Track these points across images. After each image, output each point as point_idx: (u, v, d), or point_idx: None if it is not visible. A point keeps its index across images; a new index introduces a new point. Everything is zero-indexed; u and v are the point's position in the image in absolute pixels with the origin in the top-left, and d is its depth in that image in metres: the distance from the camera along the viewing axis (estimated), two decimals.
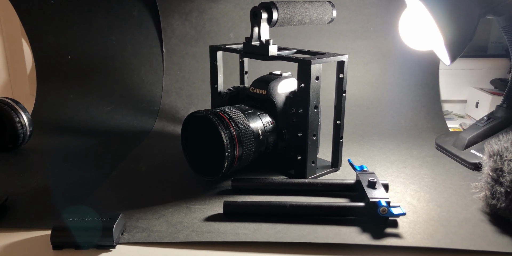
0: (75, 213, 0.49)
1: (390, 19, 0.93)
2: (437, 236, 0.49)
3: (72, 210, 0.52)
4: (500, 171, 0.51)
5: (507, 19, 0.67)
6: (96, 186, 0.62)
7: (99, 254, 0.46)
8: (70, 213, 0.49)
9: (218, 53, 0.73)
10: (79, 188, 0.61)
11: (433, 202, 0.57)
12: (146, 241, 0.48)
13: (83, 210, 0.52)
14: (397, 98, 0.93)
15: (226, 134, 0.58)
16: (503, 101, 0.73)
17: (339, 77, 0.64)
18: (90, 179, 0.65)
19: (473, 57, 1.03)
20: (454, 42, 0.63)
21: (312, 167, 0.64)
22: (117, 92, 0.96)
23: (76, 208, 0.55)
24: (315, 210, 0.53)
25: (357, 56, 0.96)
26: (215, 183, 0.63)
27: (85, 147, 0.79)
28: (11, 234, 0.50)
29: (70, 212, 0.49)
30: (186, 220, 0.52)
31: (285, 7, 0.63)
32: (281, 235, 0.49)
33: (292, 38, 0.95)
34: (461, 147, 0.72)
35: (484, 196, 0.53)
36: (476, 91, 0.98)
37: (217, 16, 0.95)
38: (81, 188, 0.61)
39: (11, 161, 0.72)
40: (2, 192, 0.56)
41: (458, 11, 0.62)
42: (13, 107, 0.74)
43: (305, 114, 0.61)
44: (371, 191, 0.54)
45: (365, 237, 0.48)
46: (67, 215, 0.48)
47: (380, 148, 0.78)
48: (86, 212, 0.49)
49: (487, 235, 0.49)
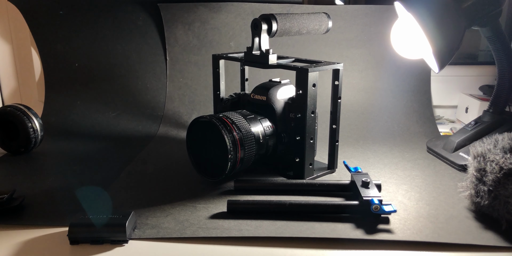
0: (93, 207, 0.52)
1: (383, 29, 0.97)
2: (426, 231, 0.52)
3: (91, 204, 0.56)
4: (483, 171, 0.54)
5: (491, 30, 0.71)
6: (106, 187, 0.65)
7: (113, 248, 0.50)
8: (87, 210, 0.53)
9: (220, 62, 0.77)
10: (93, 190, 0.65)
11: (423, 201, 0.61)
12: (156, 237, 0.51)
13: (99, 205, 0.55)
14: (391, 103, 0.97)
15: (229, 138, 0.62)
16: (489, 106, 0.77)
17: (335, 84, 0.67)
18: (100, 180, 0.68)
19: (463, 65, 1.07)
20: (442, 52, 0.66)
21: (309, 168, 0.68)
22: (122, 98, 0.99)
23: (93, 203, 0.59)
24: (313, 208, 0.57)
25: (352, 63, 0.99)
26: (219, 184, 0.66)
27: (93, 150, 0.82)
28: (30, 231, 0.53)
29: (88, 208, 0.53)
30: (192, 218, 0.56)
31: (284, 18, 0.66)
32: (281, 231, 0.52)
33: (290, 47, 0.99)
34: (450, 150, 0.76)
35: (469, 195, 0.57)
36: (466, 97, 1.02)
37: (218, 26, 0.98)
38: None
39: (24, 164, 0.76)
40: (18, 193, 0.60)
41: (445, 23, 0.66)
42: (25, 112, 0.78)
43: (303, 119, 0.64)
44: (365, 190, 0.58)
45: (359, 232, 0.52)
46: (83, 212, 0.52)
47: (374, 151, 0.81)
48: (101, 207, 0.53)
49: (472, 230, 0.53)
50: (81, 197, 0.62)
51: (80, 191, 0.64)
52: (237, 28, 0.99)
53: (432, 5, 0.67)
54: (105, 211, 0.52)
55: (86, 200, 0.61)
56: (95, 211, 0.52)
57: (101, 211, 0.52)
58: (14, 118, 0.77)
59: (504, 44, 0.72)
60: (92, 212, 0.52)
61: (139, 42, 1.00)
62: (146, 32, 1.00)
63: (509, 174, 0.51)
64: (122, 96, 0.99)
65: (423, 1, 0.68)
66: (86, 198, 0.61)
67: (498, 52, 0.73)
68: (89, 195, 0.63)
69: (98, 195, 0.63)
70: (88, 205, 0.59)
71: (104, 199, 0.61)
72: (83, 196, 0.62)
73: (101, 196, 0.62)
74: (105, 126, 0.94)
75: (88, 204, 0.59)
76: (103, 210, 0.53)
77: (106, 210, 0.53)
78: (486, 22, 0.70)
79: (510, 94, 0.75)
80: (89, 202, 0.60)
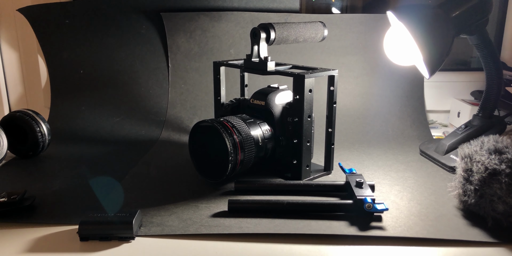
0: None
1: (377, 37, 0.99)
2: (416, 228, 0.55)
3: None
4: (470, 171, 0.57)
5: (478, 38, 0.74)
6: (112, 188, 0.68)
7: (120, 244, 0.52)
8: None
9: (221, 68, 0.80)
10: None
11: (414, 200, 0.64)
12: (161, 234, 0.54)
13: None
14: (385, 108, 1.00)
15: (229, 141, 0.64)
16: (478, 111, 0.80)
17: (330, 90, 0.70)
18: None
19: (455, 71, 1.10)
20: (432, 59, 0.69)
21: (306, 170, 0.70)
22: (126, 104, 1.02)
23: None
24: (309, 207, 0.60)
25: (347, 70, 1.02)
26: (220, 185, 0.69)
27: (97, 154, 0.85)
28: (41, 228, 0.56)
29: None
30: (195, 216, 0.59)
31: (281, 27, 0.70)
32: (279, 228, 0.55)
33: (288, 54, 1.02)
34: (442, 153, 0.79)
35: (457, 194, 0.60)
36: (458, 102, 1.05)
37: (219, 34, 1.01)
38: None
39: (33, 167, 0.79)
40: (29, 193, 0.63)
41: (435, 31, 0.69)
42: (34, 118, 0.81)
43: (300, 122, 0.67)
44: (359, 190, 0.61)
45: (353, 229, 0.55)
46: (92, 211, 0.55)
47: (368, 154, 0.84)
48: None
49: (459, 227, 0.56)
50: (89, 197, 0.65)
51: (87, 192, 0.67)
52: (236, 36, 1.02)
53: (422, 15, 0.70)
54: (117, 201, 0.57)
55: (94, 200, 0.64)
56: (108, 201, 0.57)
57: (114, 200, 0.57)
58: (23, 123, 0.80)
59: (491, 51, 0.75)
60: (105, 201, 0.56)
61: (142, 50, 1.03)
62: (149, 40, 1.03)
63: (493, 173, 0.54)
64: (126, 102, 1.02)
65: (413, 11, 0.71)
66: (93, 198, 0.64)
67: (486, 59, 0.76)
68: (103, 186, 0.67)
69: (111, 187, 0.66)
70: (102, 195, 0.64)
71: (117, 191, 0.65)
72: (90, 197, 0.65)
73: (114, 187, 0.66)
74: (109, 130, 0.97)
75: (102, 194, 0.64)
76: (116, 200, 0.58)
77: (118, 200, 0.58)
78: (474, 30, 0.73)
79: (498, 99, 0.78)
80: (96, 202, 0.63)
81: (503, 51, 1.14)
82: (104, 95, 1.03)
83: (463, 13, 0.71)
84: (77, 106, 1.02)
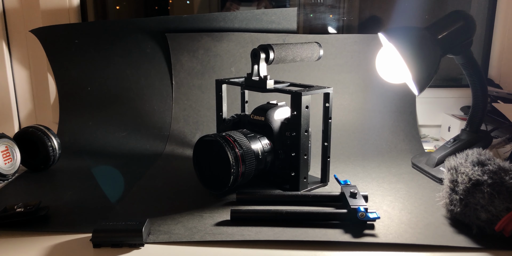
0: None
1: (371, 55, 1.03)
2: (406, 235, 0.59)
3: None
4: (455, 182, 0.62)
5: (464, 57, 0.79)
6: (121, 199, 0.72)
7: (130, 251, 0.56)
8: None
9: (223, 86, 0.84)
10: (107, 201, 0.72)
11: (405, 210, 0.68)
12: (168, 241, 0.58)
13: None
14: (379, 123, 1.04)
15: (231, 154, 0.68)
16: (466, 125, 0.84)
17: (326, 106, 0.75)
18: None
19: (446, 87, 1.15)
20: (420, 77, 0.73)
21: (304, 182, 0.74)
22: (131, 119, 1.05)
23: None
24: (306, 216, 0.64)
25: (343, 87, 1.07)
26: (222, 196, 0.73)
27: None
28: (55, 236, 0.60)
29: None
30: (199, 225, 0.63)
31: (280, 48, 0.74)
32: (278, 235, 0.59)
33: (286, 72, 1.06)
34: (432, 165, 0.83)
35: (444, 203, 0.64)
36: (448, 117, 1.09)
37: (220, 53, 1.05)
38: (109, 201, 0.72)
39: (44, 179, 0.82)
40: (43, 204, 0.66)
41: (422, 52, 0.73)
42: (45, 133, 0.85)
43: (298, 137, 0.71)
44: (353, 200, 0.65)
45: (347, 236, 0.59)
46: (104, 220, 0.59)
47: (363, 167, 0.89)
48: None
49: (446, 234, 0.60)
50: (99, 208, 0.69)
51: (97, 203, 0.70)
52: (237, 55, 1.06)
53: (411, 36, 0.75)
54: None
55: (104, 210, 0.68)
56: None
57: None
58: (36, 138, 0.84)
59: (476, 70, 0.80)
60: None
61: (148, 68, 1.07)
62: (154, 58, 1.07)
63: (476, 184, 0.59)
64: (131, 118, 1.05)
65: (402, 33, 0.76)
66: (103, 209, 0.68)
67: (471, 77, 0.81)
68: (105, 206, 0.70)
69: (112, 206, 0.70)
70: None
71: (118, 210, 0.68)
72: (101, 207, 0.69)
73: (115, 207, 0.69)
74: (115, 145, 1.01)
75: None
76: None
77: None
78: (459, 50, 0.78)
79: (484, 114, 0.82)
80: (106, 213, 0.67)
81: (491, 68, 1.19)
82: (111, 111, 1.06)
83: (448, 35, 0.75)
84: (84, 121, 1.05)
